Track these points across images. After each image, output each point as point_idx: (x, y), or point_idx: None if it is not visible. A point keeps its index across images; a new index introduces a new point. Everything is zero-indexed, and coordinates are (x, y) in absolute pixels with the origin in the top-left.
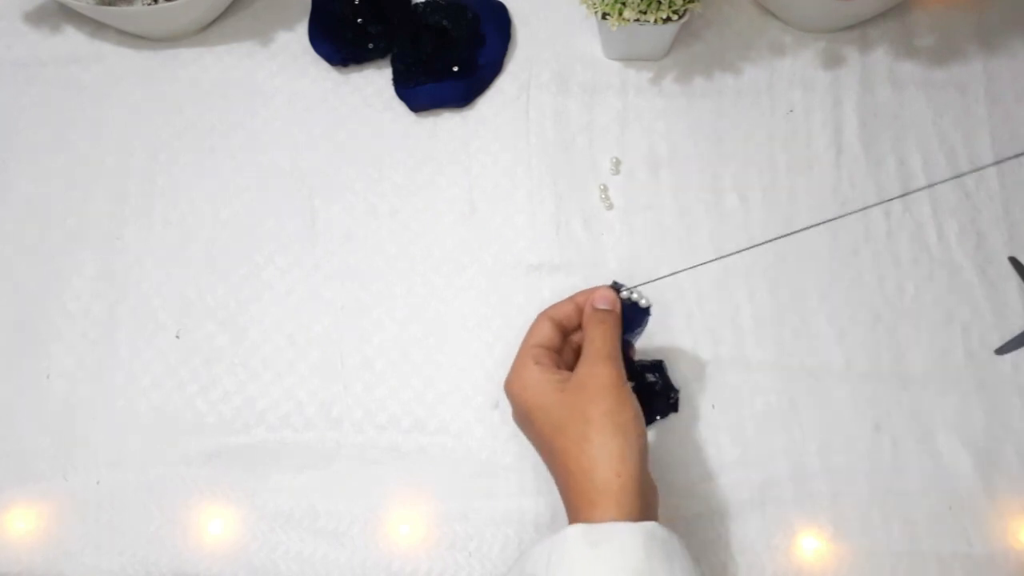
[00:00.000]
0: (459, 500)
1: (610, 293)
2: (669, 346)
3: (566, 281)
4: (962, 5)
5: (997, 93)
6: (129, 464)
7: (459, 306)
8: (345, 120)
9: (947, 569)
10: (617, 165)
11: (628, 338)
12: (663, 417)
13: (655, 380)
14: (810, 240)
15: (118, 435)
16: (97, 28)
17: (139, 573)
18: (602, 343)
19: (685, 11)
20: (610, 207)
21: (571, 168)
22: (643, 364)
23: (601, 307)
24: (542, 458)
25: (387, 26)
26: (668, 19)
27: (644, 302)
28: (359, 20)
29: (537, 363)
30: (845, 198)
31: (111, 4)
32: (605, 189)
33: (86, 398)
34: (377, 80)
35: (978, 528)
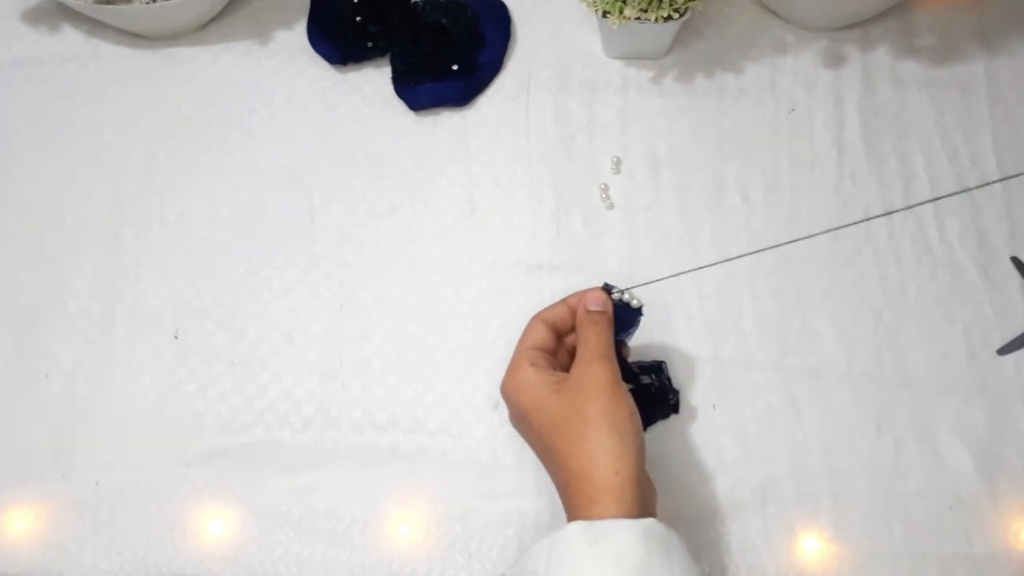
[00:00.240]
0: (459, 500)
1: (601, 295)
2: (670, 346)
3: (566, 281)
4: (963, 5)
5: (998, 92)
6: (128, 464)
7: (459, 306)
8: (344, 119)
9: (948, 569)
10: (618, 164)
11: (621, 338)
12: (664, 418)
13: (651, 382)
14: (812, 240)
15: (117, 435)
16: (95, 27)
17: (138, 573)
18: (596, 343)
19: (686, 9)
20: (610, 207)
21: (571, 167)
22: (641, 365)
23: (593, 308)
24: (539, 458)
25: (386, 25)
26: (669, 17)
27: (636, 302)
28: (358, 19)
29: (533, 365)
30: (847, 197)
31: (109, 3)
32: (605, 188)
33: (85, 398)
34: (376, 79)
35: (979, 528)
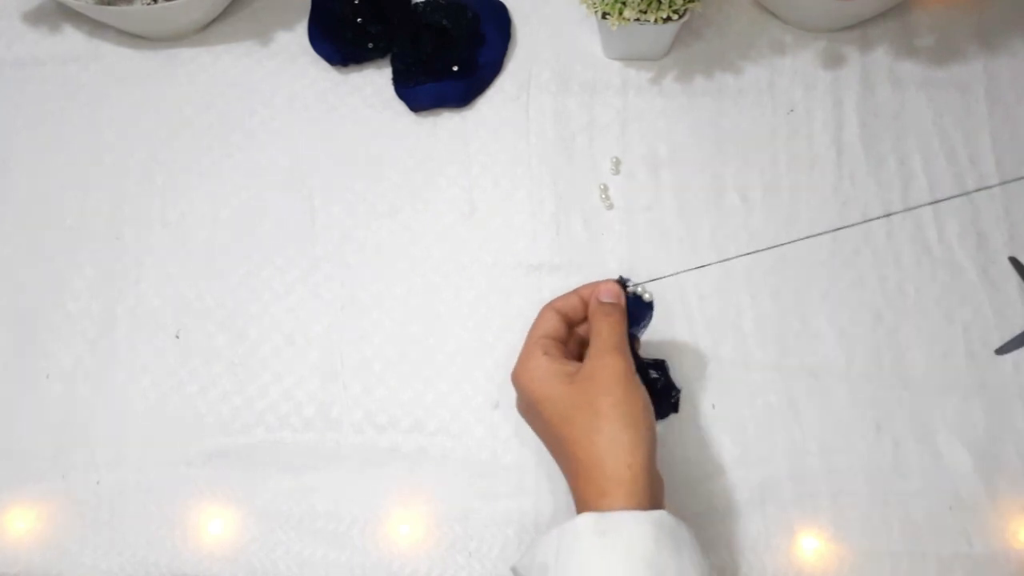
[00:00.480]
0: (459, 500)
1: (615, 287)
2: (670, 346)
3: (566, 281)
4: (962, 5)
5: (997, 93)
6: (128, 464)
7: (459, 306)
8: (345, 120)
9: (947, 569)
10: (617, 165)
11: (634, 332)
12: (663, 417)
13: (658, 377)
14: (811, 241)
15: (117, 435)
16: (96, 28)
17: (138, 573)
18: (609, 334)
19: (685, 10)
20: (610, 207)
21: (571, 168)
22: (647, 362)
23: (606, 301)
24: (548, 448)
25: (387, 26)
26: (668, 18)
27: (647, 296)
28: (359, 20)
29: (546, 354)
30: (846, 197)
31: (110, 3)
32: (605, 189)
33: (85, 398)
34: (377, 80)
35: (978, 528)
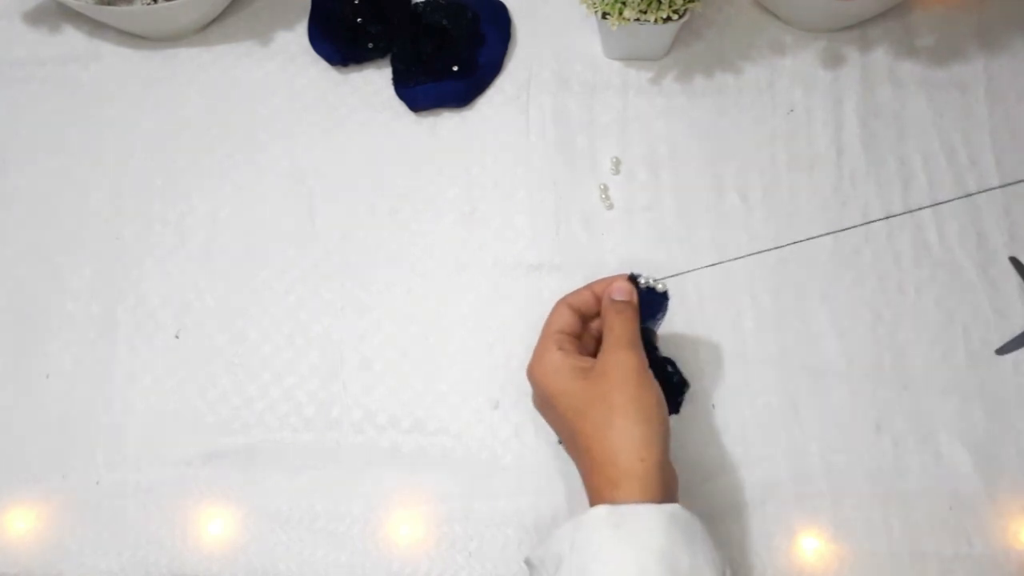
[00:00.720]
0: (459, 500)
1: (627, 285)
2: (670, 346)
3: (566, 281)
4: (963, 5)
5: (998, 93)
6: (128, 464)
7: (459, 306)
8: (344, 120)
9: (948, 569)
10: (617, 165)
11: (649, 326)
12: (675, 412)
13: (673, 372)
14: (812, 241)
15: (117, 435)
16: (96, 28)
17: (138, 573)
18: (622, 331)
19: (685, 10)
20: (610, 207)
21: (571, 168)
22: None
23: (618, 298)
24: (563, 441)
25: (387, 26)
26: (668, 18)
27: (661, 287)
28: (359, 20)
29: (560, 349)
30: (846, 197)
31: (110, 4)
32: (605, 189)
33: (85, 398)
34: (377, 80)
35: (979, 528)
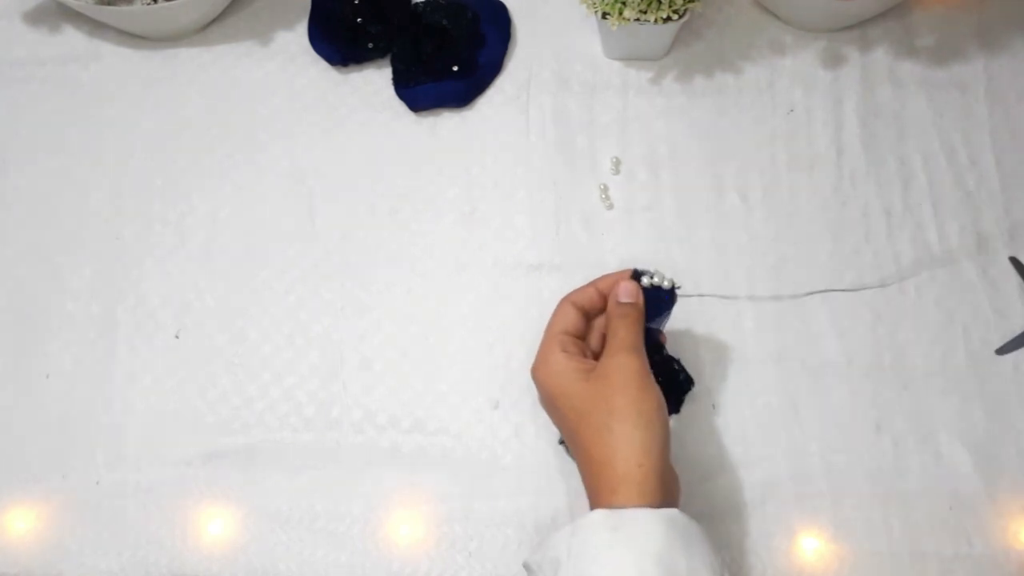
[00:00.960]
0: (459, 500)
1: (632, 286)
2: (669, 345)
3: (566, 281)
4: (962, 5)
5: (997, 93)
6: (128, 464)
7: (459, 306)
8: (344, 120)
9: (948, 569)
10: (617, 165)
11: (656, 326)
12: (676, 412)
13: (679, 370)
14: (811, 241)
15: (117, 435)
16: (96, 28)
17: (138, 573)
18: (626, 334)
19: (685, 10)
20: (610, 207)
21: (571, 168)
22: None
23: (624, 301)
24: (565, 441)
25: (387, 26)
26: (668, 18)
27: (667, 283)
28: (359, 20)
29: (564, 351)
30: (846, 197)
31: (110, 4)
32: (605, 189)
33: (85, 398)
34: (377, 80)
35: (979, 528)
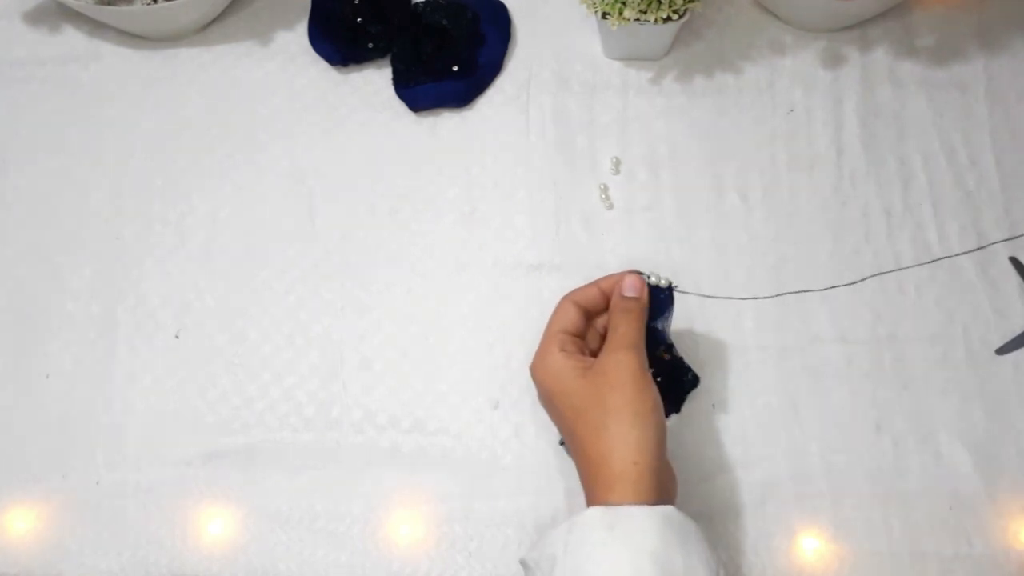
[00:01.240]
0: (459, 500)
1: (638, 281)
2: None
3: (566, 281)
4: (963, 5)
5: (998, 92)
6: (128, 464)
7: (459, 306)
8: (344, 120)
9: (948, 569)
10: (617, 165)
11: (657, 325)
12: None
13: (686, 369)
14: (811, 241)
15: (117, 435)
16: (96, 28)
17: (138, 573)
18: (626, 331)
19: (685, 10)
20: (610, 207)
21: (571, 168)
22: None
23: (629, 295)
24: (565, 440)
25: (387, 26)
26: (668, 18)
27: (664, 282)
28: (359, 20)
29: (562, 350)
30: (846, 197)
31: (110, 4)
32: (605, 189)
33: (85, 398)
34: (377, 80)
35: (979, 528)
